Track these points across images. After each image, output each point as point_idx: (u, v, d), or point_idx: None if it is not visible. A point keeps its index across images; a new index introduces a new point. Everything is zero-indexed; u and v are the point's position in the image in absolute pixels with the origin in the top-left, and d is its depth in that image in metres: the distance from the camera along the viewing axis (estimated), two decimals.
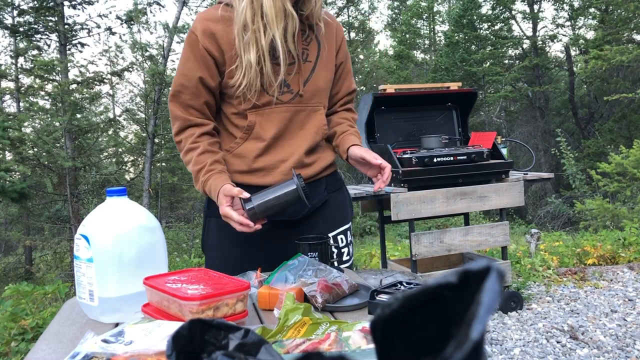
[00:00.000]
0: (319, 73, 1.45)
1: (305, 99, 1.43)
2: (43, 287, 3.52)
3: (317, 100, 1.46)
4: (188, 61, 1.38)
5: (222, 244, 1.47)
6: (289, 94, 1.41)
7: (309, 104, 1.44)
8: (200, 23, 1.37)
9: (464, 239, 3.44)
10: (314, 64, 1.44)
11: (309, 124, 1.45)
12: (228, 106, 1.44)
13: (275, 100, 1.39)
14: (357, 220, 9.97)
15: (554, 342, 3.17)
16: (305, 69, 1.42)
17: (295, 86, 1.41)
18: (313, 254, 1.31)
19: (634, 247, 4.99)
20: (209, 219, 1.53)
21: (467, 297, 0.31)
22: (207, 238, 1.52)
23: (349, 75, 1.58)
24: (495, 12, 15.68)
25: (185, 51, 1.40)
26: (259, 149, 1.42)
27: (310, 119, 1.45)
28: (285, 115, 1.41)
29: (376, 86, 15.68)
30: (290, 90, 1.41)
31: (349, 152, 1.47)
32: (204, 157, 1.37)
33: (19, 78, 9.27)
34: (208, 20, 1.37)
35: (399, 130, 3.63)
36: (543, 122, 14.05)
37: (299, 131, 1.44)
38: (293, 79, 1.41)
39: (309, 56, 1.43)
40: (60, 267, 8.83)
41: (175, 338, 0.45)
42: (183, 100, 1.40)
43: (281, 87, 1.39)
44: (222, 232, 1.47)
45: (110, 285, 1.04)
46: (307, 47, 1.43)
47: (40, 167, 8.45)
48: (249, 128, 1.41)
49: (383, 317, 0.35)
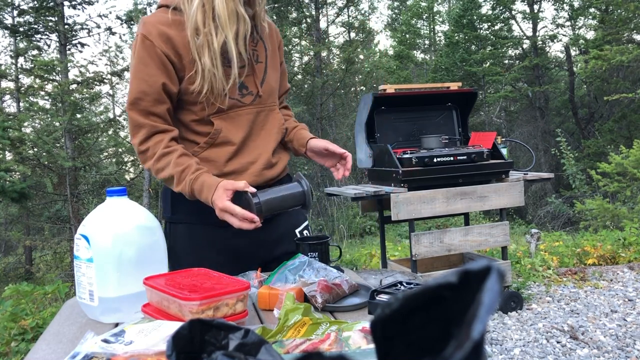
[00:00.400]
0: (270, 73, 1.47)
1: (264, 99, 1.44)
2: (43, 287, 3.52)
3: (272, 100, 1.48)
4: (147, 67, 1.31)
5: (193, 250, 1.44)
6: (250, 95, 1.41)
7: (267, 104, 1.46)
8: (154, 27, 1.31)
9: (464, 239, 3.44)
10: (265, 65, 1.46)
11: (270, 124, 1.46)
12: (187, 113, 1.40)
13: (239, 103, 1.39)
14: (357, 220, 9.97)
15: (554, 342, 3.17)
16: (258, 69, 1.43)
17: (253, 87, 1.42)
18: (313, 254, 1.31)
19: (634, 247, 4.99)
20: (173, 226, 1.48)
21: (467, 297, 0.31)
22: (174, 245, 1.46)
23: (285, 74, 1.63)
24: (495, 12, 15.67)
25: (140, 57, 1.32)
26: (230, 152, 1.40)
27: (270, 119, 1.47)
28: (249, 117, 1.42)
29: (376, 86, 15.68)
30: (250, 92, 1.41)
31: (310, 144, 1.49)
32: (186, 159, 1.33)
33: (19, 78, 9.27)
34: (161, 24, 1.32)
35: (399, 130, 3.63)
36: (543, 122, 14.05)
37: (261, 132, 1.45)
38: (248, 80, 1.41)
39: (259, 57, 1.45)
40: (60, 267, 8.83)
41: (175, 338, 0.45)
42: (144, 107, 1.33)
43: (240, 89, 1.40)
44: (192, 238, 1.44)
45: (110, 285, 1.04)
46: (256, 48, 1.44)
47: (40, 167, 8.45)
48: (215, 133, 1.38)
49: (383, 317, 0.35)
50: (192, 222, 1.44)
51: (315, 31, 12.48)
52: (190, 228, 1.45)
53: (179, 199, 1.43)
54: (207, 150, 1.40)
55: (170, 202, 1.47)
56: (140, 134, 1.34)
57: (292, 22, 12.27)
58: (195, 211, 1.42)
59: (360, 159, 3.61)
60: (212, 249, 1.44)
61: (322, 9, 13.75)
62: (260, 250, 1.47)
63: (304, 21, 12.52)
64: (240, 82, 1.39)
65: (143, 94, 1.32)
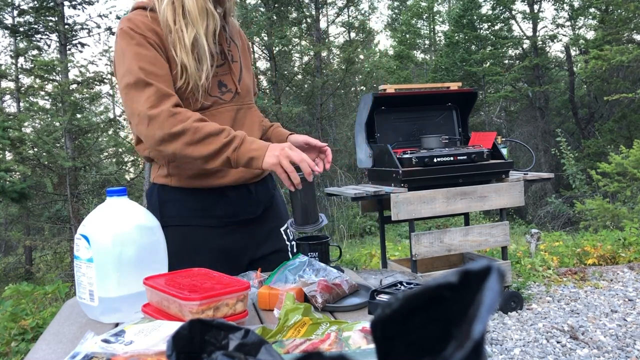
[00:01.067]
0: (245, 72, 1.49)
1: (242, 96, 1.46)
2: (43, 287, 3.52)
3: (249, 98, 1.50)
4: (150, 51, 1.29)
5: (184, 252, 1.42)
6: (229, 93, 1.43)
7: (245, 102, 1.47)
8: (140, 22, 1.31)
9: (464, 239, 3.44)
10: (239, 64, 1.48)
11: (249, 121, 1.47)
12: None
13: (220, 100, 1.40)
14: (357, 220, 9.97)
15: (554, 342, 3.17)
16: (235, 68, 1.45)
17: (232, 85, 1.43)
18: (313, 254, 1.31)
19: (634, 247, 4.99)
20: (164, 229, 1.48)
21: (467, 297, 0.31)
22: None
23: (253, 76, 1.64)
24: (495, 12, 15.68)
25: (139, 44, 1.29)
26: None
27: (249, 116, 1.48)
28: (230, 115, 1.42)
29: (376, 86, 15.68)
30: (229, 90, 1.43)
31: (290, 139, 1.49)
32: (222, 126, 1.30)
33: (19, 78, 9.28)
34: (145, 21, 1.32)
35: (399, 130, 3.63)
36: (543, 122, 14.05)
37: (242, 128, 1.45)
38: (227, 78, 1.43)
39: (234, 57, 1.47)
40: (60, 267, 8.83)
41: (175, 338, 0.45)
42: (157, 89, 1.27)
43: (220, 87, 1.41)
44: (182, 241, 1.43)
45: (110, 285, 1.04)
46: (230, 48, 1.46)
47: (40, 167, 8.45)
48: None
49: (383, 317, 0.35)
50: (180, 224, 1.44)
51: (315, 31, 12.48)
52: (179, 230, 1.43)
53: (168, 203, 1.43)
54: None
55: (158, 206, 1.45)
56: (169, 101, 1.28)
57: (292, 22, 12.27)
58: (182, 213, 1.42)
59: (360, 159, 3.61)
60: (202, 249, 1.44)
61: (322, 9, 13.75)
62: (248, 248, 1.48)
63: (304, 21, 12.52)
64: (219, 80, 1.41)
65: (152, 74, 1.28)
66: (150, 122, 1.26)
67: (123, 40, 1.31)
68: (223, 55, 1.44)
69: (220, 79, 1.42)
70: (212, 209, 1.44)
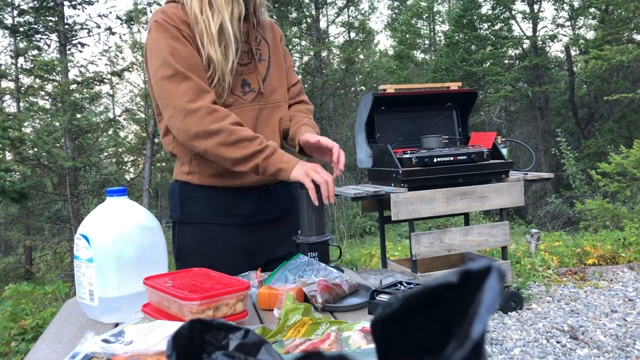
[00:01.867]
0: (274, 71, 1.48)
1: (266, 96, 1.45)
2: (43, 287, 3.52)
3: (276, 97, 1.48)
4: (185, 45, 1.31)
5: (202, 250, 1.44)
6: (252, 92, 1.42)
7: (270, 101, 1.46)
8: (173, 15, 1.33)
9: (464, 239, 3.44)
10: (267, 62, 1.47)
11: (273, 120, 1.47)
12: None
13: (240, 99, 1.40)
14: (357, 220, 9.97)
15: (554, 342, 3.17)
16: (261, 67, 1.45)
17: (256, 84, 1.43)
18: (313, 254, 1.31)
19: (634, 247, 4.99)
20: (182, 226, 1.47)
21: (467, 297, 0.31)
22: (183, 246, 1.46)
23: (291, 69, 1.61)
24: (495, 12, 15.68)
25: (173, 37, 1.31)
26: None
27: (273, 115, 1.47)
28: (252, 114, 1.42)
29: (376, 86, 15.68)
30: (252, 89, 1.42)
31: (301, 140, 1.44)
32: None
33: (19, 78, 9.28)
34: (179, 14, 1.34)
35: (399, 130, 3.62)
36: (543, 122, 14.05)
37: (266, 128, 1.45)
38: (251, 77, 1.42)
39: (262, 55, 1.46)
40: (60, 267, 8.83)
41: (175, 338, 0.45)
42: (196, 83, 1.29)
43: (243, 86, 1.41)
44: (201, 238, 1.44)
45: (110, 285, 1.04)
46: (259, 47, 1.46)
47: (40, 167, 8.45)
48: None
49: (383, 316, 0.35)
50: (201, 221, 1.44)
51: (315, 31, 12.49)
52: (199, 228, 1.44)
53: (189, 199, 1.43)
54: None
55: (179, 203, 1.46)
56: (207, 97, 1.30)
57: (292, 22, 12.28)
58: (204, 211, 1.42)
59: (360, 159, 3.60)
60: (220, 248, 1.44)
61: (322, 9, 13.75)
62: (265, 248, 1.47)
63: (304, 21, 12.53)
64: (243, 79, 1.41)
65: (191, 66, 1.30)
66: (187, 116, 1.28)
67: (157, 32, 1.32)
68: (250, 54, 1.43)
69: (245, 78, 1.41)
70: (232, 207, 1.44)
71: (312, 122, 1.54)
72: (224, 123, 1.28)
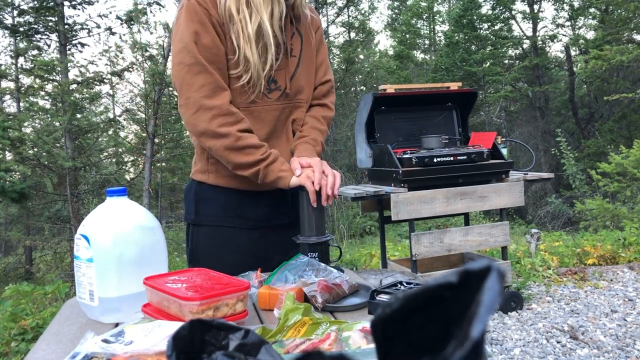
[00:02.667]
0: (303, 68, 1.42)
1: (290, 96, 1.40)
2: (43, 287, 3.52)
3: (300, 96, 1.43)
4: (207, 32, 1.25)
5: (215, 252, 1.43)
6: (277, 91, 1.37)
7: (292, 101, 1.41)
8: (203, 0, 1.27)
9: (464, 239, 3.44)
10: (298, 59, 1.40)
11: (289, 121, 1.43)
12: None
13: (265, 98, 1.36)
14: (357, 220, 9.97)
15: (554, 342, 3.17)
16: (291, 64, 1.39)
17: (282, 83, 1.37)
18: (313, 254, 1.31)
19: (634, 247, 4.99)
20: (196, 228, 1.45)
21: (467, 297, 0.31)
22: (196, 247, 1.45)
23: (323, 64, 1.50)
24: (495, 12, 15.68)
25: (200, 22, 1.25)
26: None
27: (291, 116, 1.43)
28: (274, 114, 1.38)
29: (376, 86, 15.68)
30: (278, 87, 1.37)
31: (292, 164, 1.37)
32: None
33: (19, 78, 9.27)
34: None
35: (399, 130, 3.62)
36: (543, 122, 14.05)
37: (283, 127, 1.42)
38: (279, 74, 1.37)
39: (293, 50, 1.39)
40: (60, 267, 8.83)
41: (175, 338, 0.45)
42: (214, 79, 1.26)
43: (269, 83, 1.35)
44: (214, 241, 1.43)
45: (110, 285, 1.04)
46: (292, 41, 1.39)
47: (40, 167, 8.45)
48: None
49: (384, 316, 0.35)
50: (216, 224, 1.43)
51: None
52: (214, 231, 1.43)
53: (204, 201, 1.41)
54: None
55: (194, 204, 1.44)
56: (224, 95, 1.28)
57: None
58: (219, 213, 1.41)
59: (360, 159, 3.61)
60: (234, 251, 1.43)
61: (322, 9, 13.75)
62: (277, 253, 1.44)
63: None
64: (270, 75, 1.35)
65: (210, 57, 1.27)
66: (198, 111, 1.26)
67: (186, 15, 1.28)
68: (281, 49, 1.36)
69: (272, 75, 1.35)
70: (246, 211, 1.42)
71: (314, 137, 1.44)
72: (233, 128, 1.27)
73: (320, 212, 1.33)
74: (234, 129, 1.27)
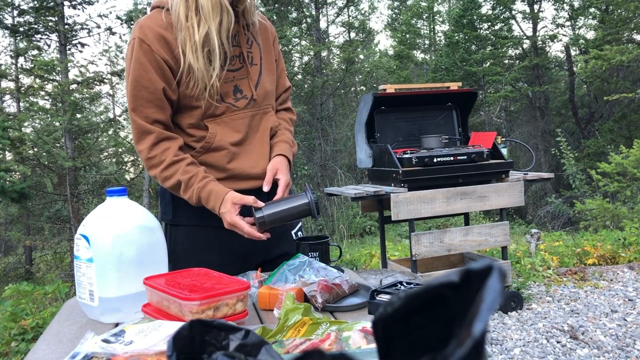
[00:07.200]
0: (265, 75, 1.45)
1: (258, 102, 1.42)
2: (43, 287, 3.52)
3: (267, 102, 1.46)
4: (147, 72, 1.29)
5: (197, 252, 1.43)
6: (244, 99, 1.39)
7: (261, 107, 1.44)
8: (150, 30, 1.29)
9: (464, 239, 3.44)
10: (259, 67, 1.43)
11: (263, 127, 1.45)
12: (184, 117, 1.38)
13: (232, 107, 1.38)
14: (357, 220, 9.97)
15: (554, 342, 3.17)
16: (253, 72, 1.41)
17: (248, 91, 1.40)
18: (313, 254, 1.31)
19: (634, 247, 4.99)
20: (174, 228, 1.46)
21: (469, 296, 0.31)
22: (174, 248, 1.45)
23: (283, 73, 1.58)
24: (495, 12, 15.67)
25: (140, 62, 1.29)
26: (227, 157, 1.39)
27: (263, 122, 1.45)
28: (244, 121, 1.40)
29: (376, 86, 15.68)
30: (245, 96, 1.39)
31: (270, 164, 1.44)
32: (194, 168, 1.33)
33: (19, 78, 9.27)
34: (157, 27, 1.30)
35: (399, 130, 3.63)
36: (543, 122, 14.05)
37: (256, 135, 1.43)
38: (243, 83, 1.39)
39: (254, 59, 1.42)
40: (60, 267, 8.83)
41: (175, 338, 0.45)
42: (148, 114, 1.31)
43: (235, 93, 1.38)
44: (194, 240, 1.44)
45: (110, 285, 1.03)
46: (251, 50, 1.42)
47: (40, 167, 8.45)
48: (211, 138, 1.37)
49: (385, 316, 0.34)
50: (194, 224, 1.44)
51: (315, 31, 12.49)
52: (192, 230, 1.44)
53: (179, 202, 1.42)
54: (203, 155, 1.39)
55: (170, 204, 1.45)
56: (147, 140, 1.32)
57: (292, 22, 12.27)
58: (196, 214, 1.41)
59: (360, 159, 3.61)
60: (213, 250, 1.43)
61: (322, 9, 13.75)
62: (259, 251, 1.46)
63: (304, 21, 12.53)
64: (235, 85, 1.38)
65: (145, 100, 1.31)
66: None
67: (131, 52, 1.32)
68: (242, 59, 1.39)
69: (237, 84, 1.38)
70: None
71: (291, 137, 1.53)
72: (157, 171, 1.33)
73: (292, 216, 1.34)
74: (158, 170, 1.34)
